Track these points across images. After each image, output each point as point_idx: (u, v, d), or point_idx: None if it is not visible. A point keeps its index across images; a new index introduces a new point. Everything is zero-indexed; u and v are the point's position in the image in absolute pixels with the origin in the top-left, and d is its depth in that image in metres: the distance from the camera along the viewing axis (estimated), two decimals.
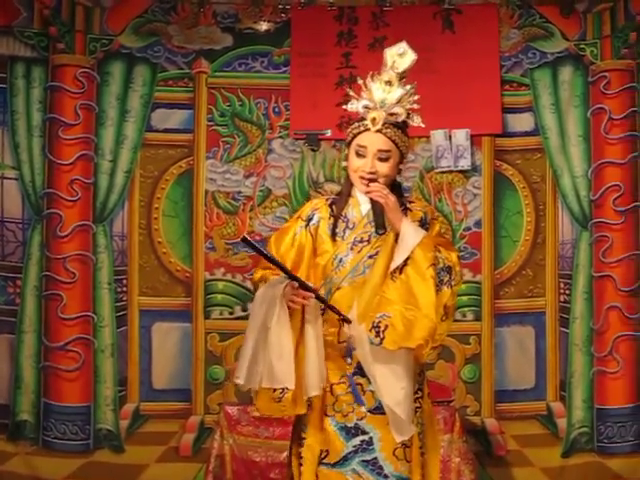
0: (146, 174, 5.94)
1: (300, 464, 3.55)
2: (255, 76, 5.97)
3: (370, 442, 3.52)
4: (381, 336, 3.37)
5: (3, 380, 5.79)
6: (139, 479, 5.76)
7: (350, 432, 3.53)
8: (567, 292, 5.90)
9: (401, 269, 3.43)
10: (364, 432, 3.52)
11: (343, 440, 3.52)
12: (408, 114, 3.61)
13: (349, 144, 3.60)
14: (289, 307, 3.43)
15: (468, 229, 5.97)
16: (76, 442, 5.82)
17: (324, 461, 3.54)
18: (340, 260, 3.56)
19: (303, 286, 3.43)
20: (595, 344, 5.83)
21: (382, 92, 3.58)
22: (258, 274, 3.65)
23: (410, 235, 3.46)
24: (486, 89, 5.91)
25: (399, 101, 3.58)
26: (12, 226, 5.83)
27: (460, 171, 5.96)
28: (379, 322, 3.38)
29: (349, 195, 3.64)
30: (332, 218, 3.61)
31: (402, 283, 3.42)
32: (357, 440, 3.52)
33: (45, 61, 5.84)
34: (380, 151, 3.53)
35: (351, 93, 3.65)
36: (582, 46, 5.92)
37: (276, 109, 5.95)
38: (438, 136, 5.92)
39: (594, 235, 5.86)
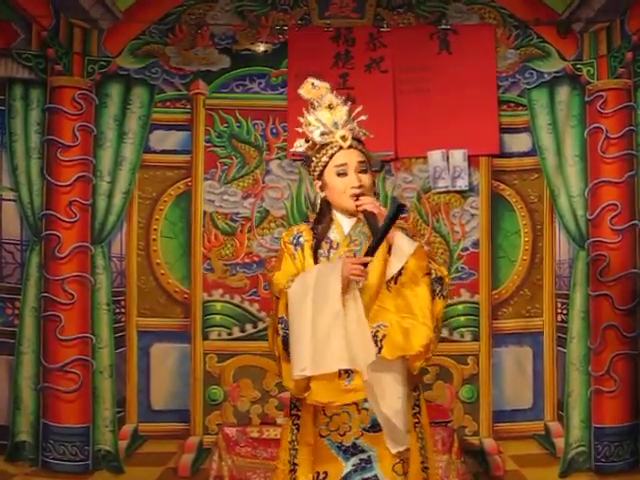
0: (144, 195, 5.96)
1: None
2: (252, 97, 5.99)
3: (369, 460, 3.52)
4: (379, 345, 3.38)
5: (2, 401, 5.79)
6: None
7: (349, 451, 3.53)
8: (564, 312, 5.92)
9: (396, 279, 3.45)
10: (362, 450, 3.53)
11: (342, 460, 3.53)
12: (359, 130, 3.70)
13: (321, 173, 3.62)
14: (350, 279, 3.40)
15: (466, 249, 5.98)
16: (75, 463, 5.82)
17: None
18: None
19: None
20: (592, 363, 5.83)
21: (330, 115, 3.64)
22: (283, 277, 3.60)
23: (404, 245, 3.48)
24: (483, 109, 5.92)
25: (349, 117, 3.66)
26: (11, 247, 5.84)
27: (457, 191, 5.97)
28: (376, 332, 3.39)
29: (330, 219, 3.67)
30: (315, 240, 3.65)
31: (397, 293, 3.43)
32: (356, 459, 3.52)
33: (43, 83, 5.85)
34: (360, 163, 3.61)
35: (300, 130, 3.68)
36: (579, 66, 5.95)
37: (274, 130, 5.97)
38: (435, 156, 5.93)
39: (591, 254, 5.87)
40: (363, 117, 3.70)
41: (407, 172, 6.00)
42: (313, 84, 3.72)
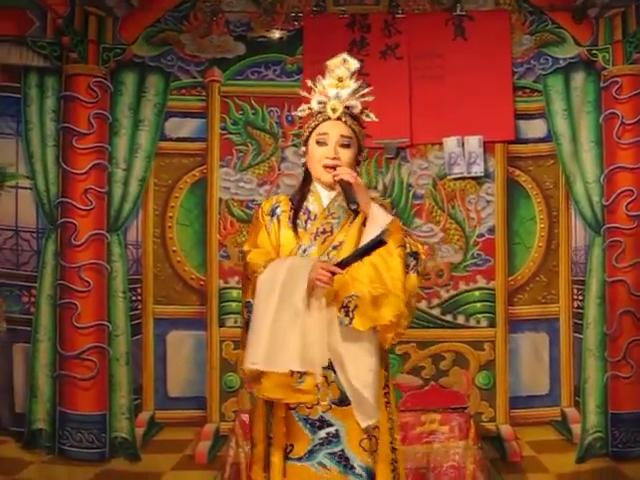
0: (160, 183, 5.96)
1: (269, 463, 3.51)
2: (268, 84, 5.98)
3: (336, 434, 3.49)
4: (350, 316, 3.37)
5: (19, 389, 5.81)
6: None
7: (315, 425, 3.50)
8: (580, 298, 5.91)
9: None
10: (330, 424, 3.50)
11: (308, 433, 3.50)
12: (362, 109, 3.65)
13: (307, 140, 3.62)
14: (313, 286, 3.39)
15: (481, 236, 5.98)
16: (92, 450, 5.83)
17: (290, 456, 3.50)
18: (304, 251, 3.57)
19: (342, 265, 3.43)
20: (609, 349, 5.83)
21: (335, 87, 3.63)
22: (258, 258, 3.57)
23: (380, 217, 3.48)
24: (498, 95, 5.91)
25: (353, 94, 3.63)
26: (27, 235, 5.84)
27: (473, 178, 5.97)
28: (348, 302, 3.38)
29: (308, 190, 3.66)
30: (292, 210, 3.63)
31: (371, 264, 3.41)
32: (323, 433, 3.50)
33: (58, 71, 5.86)
34: (342, 137, 3.57)
35: (303, 93, 3.68)
36: (594, 51, 5.93)
37: (289, 117, 5.96)
38: (451, 143, 5.93)
39: (607, 240, 5.86)
40: (369, 98, 3.67)
41: (422, 158, 6.00)
42: (345, 60, 3.68)
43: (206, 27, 5.98)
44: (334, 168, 3.54)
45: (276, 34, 6.00)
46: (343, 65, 3.67)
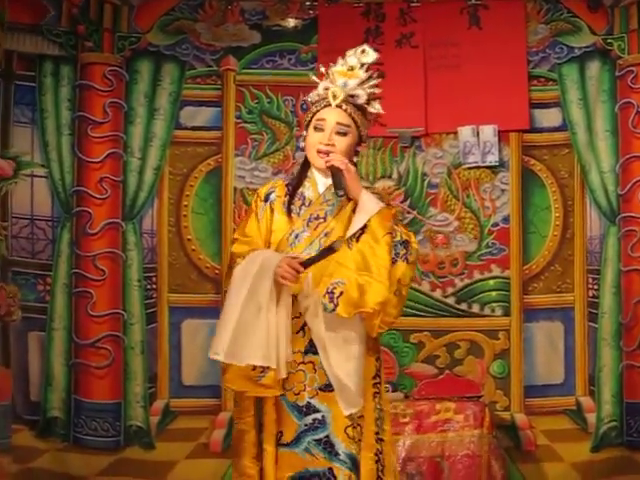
0: (175, 172, 5.97)
1: (261, 450, 3.48)
2: (283, 73, 5.99)
3: (322, 420, 3.47)
4: (335, 302, 3.34)
5: (34, 377, 5.82)
6: (169, 475, 5.80)
7: (302, 411, 3.48)
8: (595, 287, 5.90)
9: (358, 237, 3.42)
10: (316, 410, 3.47)
11: (295, 419, 3.47)
12: (369, 100, 3.61)
13: (308, 124, 3.60)
14: (278, 280, 3.38)
15: (496, 225, 5.98)
16: (107, 439, 5.84)
17: (280, 442, 3.49)
18: (296, 236, 3.54)
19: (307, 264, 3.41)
20: (624, 338, 5.82)
21: (344, 76, 3.60)
22: (240, 248, 3.59)
23: (369, 203, 3.46)
24: (513, 84, 5.91)
25: (361, 84, 3.59)
26: (42, 224, 5.85)
27: (488, 167, 5.97)
28: (334, 288, 3.35)
29: (305, 176, 3.64)
30: (288, 196, 3.61)
31: (358, 251, 3.40)
32: (309, 419, 3.47)
33: (73, 59, 5.86)
34: (339, 124, 3.53)
35: (314, 78, 3.67)
36: (609, 40, 5.91)
37: (304, 106, 5.94)
38: (465, 132, 5.93)
39: (622, 230, 5.86)
40: (377, 90, 3.62)
41: (437, 147, 6.00)
42: (363, 50, 3.65)
43: (221, 15, 5.99)
44: (328, 154, 3.51)
45: (291, 23, 6.01)
46: (359, 55, 3.64)
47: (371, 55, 3.63)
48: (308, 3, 5.98)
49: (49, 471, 5.74)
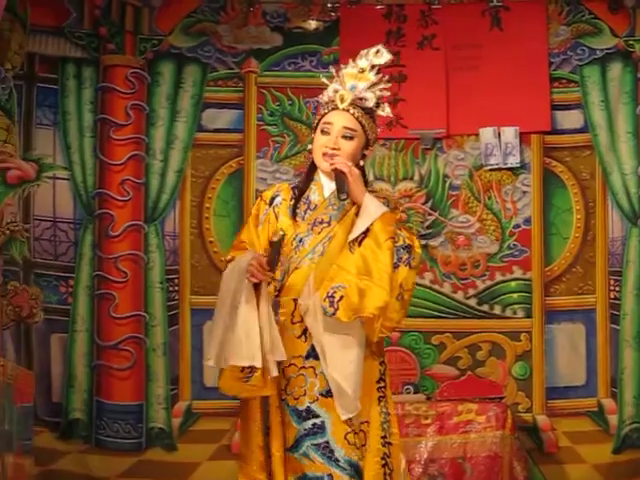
0: (197, 174, 5.98)
1: (269, 454, 3.44)
2: (304, 75, 5.99)
3: (322, 426, 3.42)
4: (335, 306, 3.32)
5: (56, 379, 5.85)
6: (191, 477, 5.81)
7: (302, 415, 3.44)
8: (617, 289, 5.91)
9: (360, 241, 3.40)
10: (316, 415, 3.43)
11: (295, 424, 3.44)
12: (378, 103, 3.55)
13: (316, 127, 3.56)
14: (248, 278, 3.35)
15: (517, 227, 5.98)
16: (128, 440, 5.86)
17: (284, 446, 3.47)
18: (300, 240, 3.49)
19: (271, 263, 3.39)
20: None
21: (354, 79, 3.55)
22: (230, 256, 3.60)
23: (372, 207, 3.43)
24: (535, 86, 5.92)
25: (370, 87, 3.53)
26: (64, 226, 5.88)
27: (509, 168, 5.97)
28: (334, 292, 3.33)
29: (312, 179, 3.60)
30: (293, 200, 3.57)
31: (359, 255, 3.37)
32: (309, 423, 3.43)
33: (96, 62, 5.89)
34: (345, 128, 3.48)
35: (324, 80, 3.64)
36: (631, 42, 5.91)
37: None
38: (487, 134, 5.93)
39: None
40: (386, 93, 3.54)
41: (459, 149, 6.01)
42: (378, 51, 3.59)
43: (243, 18, 6.00)
44: (333, 158, 3.47)
45: (313, 25, 6.02)
46: (373, 55, 3.61)
47: (385, 56, 3.58)
48: (330, 5, 5.99)
49: (70, 473, 5.76)
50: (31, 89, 5.81)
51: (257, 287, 3.36)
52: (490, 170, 5.98)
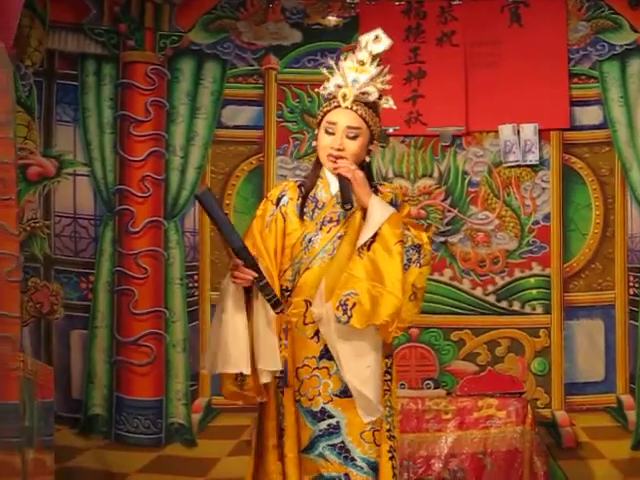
0: (217, 170, 5.99)
1: (283, 455, 3.43)
2: (328, 71, 5.96)
3: (337, 426, 3.42)
4: (349, 314, 3.31)
5: (76, 375, 5.86)
6: (211, 473, 5.83)
7: (316, 416, 3.43)
8: (636, 285, 5.91)
9: (369, 246, 3.38)
10: (330, 416, 3.43)
11: (310, 425, 3.43)
12: (380, 95, 3.54)
13: (319, 123, 3.54)
14: (235, 285, 3.33)
15: (537, 223, 5.99)
16: (148, 436, 5.88)
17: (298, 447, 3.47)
18: (309, 240, 3.47)
19: (249, 263, 3.31)
20: None
21: (354, 72, 3.54)
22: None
23: (378, 211, 3.40)
24: (554, 82, 5.92)
25: (371, 80, 3.51)
26: (84, 222, 5.89)
27: (528, 165, 5.97)
28: (346, 300, 3.31)
29: (318, 176, 3.56)
30: (300, 199, 3.53)
31: (369, 260, 3.35)
32: (324, 424, 3.43)
33: (115, 58, 5.90)
34: (349, 128, 3.45)
35: (325, 72, 3.63)
36: None
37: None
38: (506, 130, 5.93)
39: None
40: (388, 86, 3.52)
41: (478, 146, 6.01)
42: (377, 37, 3.59)
43: (262, 14, 6.00)
44: (336, 159, 3.45)
45: (332, 21, 6.02)
46: (372, 42, 3.57)
47: (384, 42, 3.57)
48: (349, 1, 5.99)
49: (90, 469, 5.78)
50: (51, 86, 5.82)
51: (250, 293, 3.34)
52: (509, 167, 5.98)
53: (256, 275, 3.28)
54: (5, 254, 3.49)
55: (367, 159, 3.53)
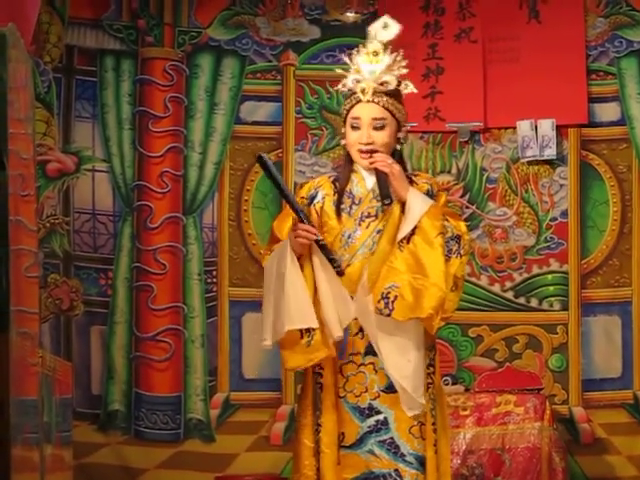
0: (236, 166, 5.99)
1: (319, 451, 3.45)
2: (342, 68, 5.94)
3: (385, 422, 3.45)
4: (390, 307, 3.33)
5: (95, 371, 5.88)
6: (229, 468, 5.84)
7: (364, 413, 3.46)
8: None
9: (409, 239, 3.40)
10: (378, 412, 3.45)
11: (357, 421, 3.46)
12: (399, 82, 3.55)
13: (345, 121, 3.57)
14: (299, 243, 3.38)
15: (554, 219, 5.99)
16: (167, 431, 5.90)
17: (341, 444, 3.46)
18: (349, 236, 3.49)
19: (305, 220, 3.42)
20: None
21: (369, 63, 3.56)
22: (266, 250, 3.62)
23: (417, 204, 3.42)
24: (572, 79, 5.91)
25: (388, 69, 3.53)
26: (103, 218, 5.90)
27: (546, 161, 5.97)
28: (388, 293, 3.34)
29: (351, 171, 3.57)
30: (336, 194, 3.54)
31: (410, 252, 3.38)
32: (372, 420, 3.45)
33: (134, 54, 5.91)
34: (374, 120, 3.48)
35: (339, 71, 3.65)
36: None
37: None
38: (524, 126, 5.93)
39: None
40: (404, 70, 3.54)
41: (496, 142, 6.01)
42: (385, 24, 3.62)
43: (281, 10, 6.00)
44: (371, 153, 3.47)
45: (350, 17, 6.02)
46: (381, 29, 3.59)
47: (394, 27, 3.60)
48: None
49: (109, 464, 5.80)
50: (70, 82, 5.84)
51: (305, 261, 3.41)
52: (527, 163, 5.99)
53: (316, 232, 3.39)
54: (24, 250, 3.50)
55: (398, 147, 3.54)
